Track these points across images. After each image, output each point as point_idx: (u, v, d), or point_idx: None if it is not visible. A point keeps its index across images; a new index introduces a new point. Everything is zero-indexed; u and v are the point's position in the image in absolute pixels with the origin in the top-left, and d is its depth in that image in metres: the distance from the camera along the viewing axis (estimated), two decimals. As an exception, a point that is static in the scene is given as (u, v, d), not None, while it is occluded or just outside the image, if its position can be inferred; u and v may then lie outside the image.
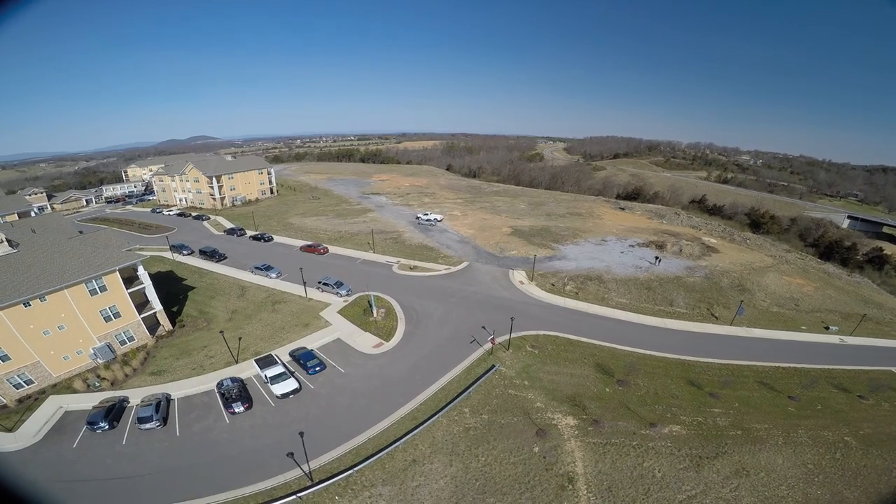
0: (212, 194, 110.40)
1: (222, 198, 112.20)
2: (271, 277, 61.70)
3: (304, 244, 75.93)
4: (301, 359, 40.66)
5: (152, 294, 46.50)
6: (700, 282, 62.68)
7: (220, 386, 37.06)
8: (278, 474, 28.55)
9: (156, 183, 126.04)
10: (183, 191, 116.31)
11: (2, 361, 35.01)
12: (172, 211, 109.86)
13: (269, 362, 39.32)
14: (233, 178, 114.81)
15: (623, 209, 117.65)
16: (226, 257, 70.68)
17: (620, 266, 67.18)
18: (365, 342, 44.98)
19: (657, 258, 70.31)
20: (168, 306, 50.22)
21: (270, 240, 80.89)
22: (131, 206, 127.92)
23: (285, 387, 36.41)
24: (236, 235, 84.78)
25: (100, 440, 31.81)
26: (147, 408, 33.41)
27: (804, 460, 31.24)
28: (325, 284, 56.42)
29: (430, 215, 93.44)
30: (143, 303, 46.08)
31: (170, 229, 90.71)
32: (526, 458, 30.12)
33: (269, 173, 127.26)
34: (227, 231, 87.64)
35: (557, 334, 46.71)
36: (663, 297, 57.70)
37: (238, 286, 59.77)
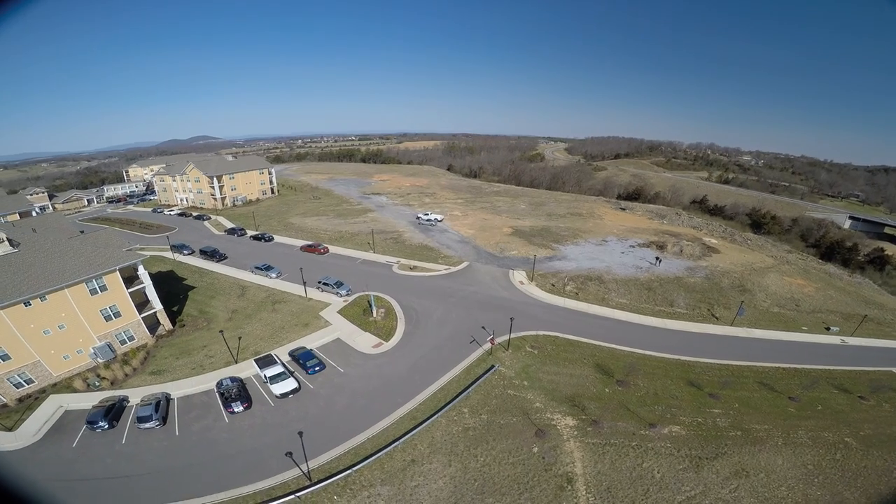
0: (213, 194, 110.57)
1: (223, 198, 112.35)
2: (271, 277, 61.78)
3: (305, 244, 76.04)
4: (300, 359, 40.70)
5: (152, 294, 46.62)
6: (700, 282, 62.59)
7: (219, 385, 37.14)
8: (277, 474, 28.59)
9: (157, 183, 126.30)
10: (184, 191, 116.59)
11: (2, 361, 35.13)
12: (173, 211, 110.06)
13: (268, 362, 39.36)
14: (233, 178, 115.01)
15: (624, 209, 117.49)
16: (226, 257, 70.80)
17: (621, 266, 67.11)
18: (364, 342, 45.01)
19: (658, 258, 70.22)
20: (168, 306, 50.33)
21: (271, 240, 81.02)
22: (132, 205, 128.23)
23: (284, 386, 36.45)
24: (237, 235, 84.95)
25: (99, 439, 31.89)
26: (147, 407, 33.51)
27: (804, 461, 31.16)
28: (325, 284, 56.48)
29: (430, 215, 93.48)
30: (143, 302, 46.19)
31: (170, 229, 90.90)
32: (525, 459, 30.10)
33: (269, 173, 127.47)
34: (227, 231, 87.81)
35: (557, 334, 46.67)
36: (664, 297, 57.62)
37: (238, 286, 59.87)
